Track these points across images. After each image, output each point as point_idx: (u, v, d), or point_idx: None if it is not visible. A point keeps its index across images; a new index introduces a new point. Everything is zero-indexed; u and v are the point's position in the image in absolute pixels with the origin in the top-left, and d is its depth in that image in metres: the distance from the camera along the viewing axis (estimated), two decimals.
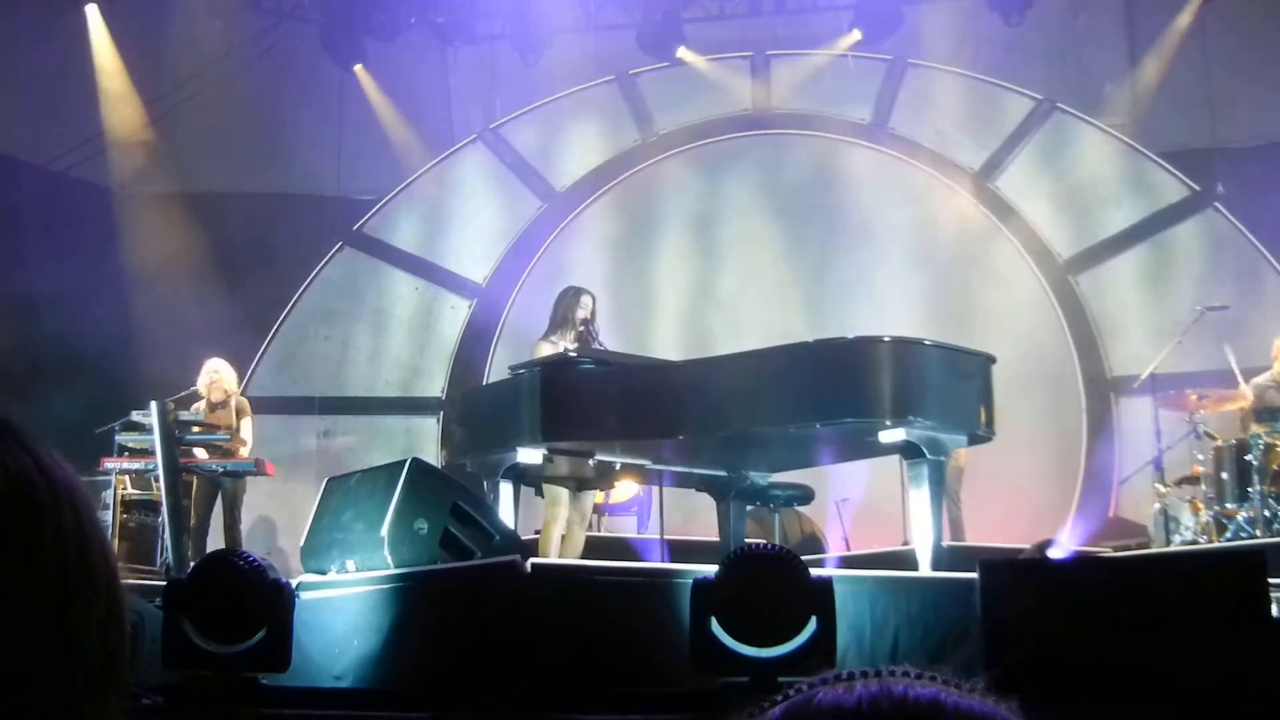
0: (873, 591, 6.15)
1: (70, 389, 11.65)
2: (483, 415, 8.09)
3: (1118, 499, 12.61)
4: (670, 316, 13.63)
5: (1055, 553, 8.14)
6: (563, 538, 8.25)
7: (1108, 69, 13.83)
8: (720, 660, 5.45)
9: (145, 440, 9.77)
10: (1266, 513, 9.36)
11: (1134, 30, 13.74)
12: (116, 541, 10.20)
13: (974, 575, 5.47)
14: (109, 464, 10.01)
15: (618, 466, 8.41)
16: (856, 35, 14.07)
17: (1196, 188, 13.15)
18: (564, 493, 8.29)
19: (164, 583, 7.17)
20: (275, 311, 14.06)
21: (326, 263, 14.35)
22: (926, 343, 7.38)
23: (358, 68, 14.52)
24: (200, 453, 10.16)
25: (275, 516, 12.81)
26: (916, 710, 0.96)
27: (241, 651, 5.88)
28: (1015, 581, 5.51)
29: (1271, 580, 5.24)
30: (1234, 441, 9.86)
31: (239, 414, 10.55)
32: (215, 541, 10.23)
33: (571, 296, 8.58)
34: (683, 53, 14.43)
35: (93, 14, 13.12)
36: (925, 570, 6.98)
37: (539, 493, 8.67)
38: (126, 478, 10.48)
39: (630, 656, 6.07)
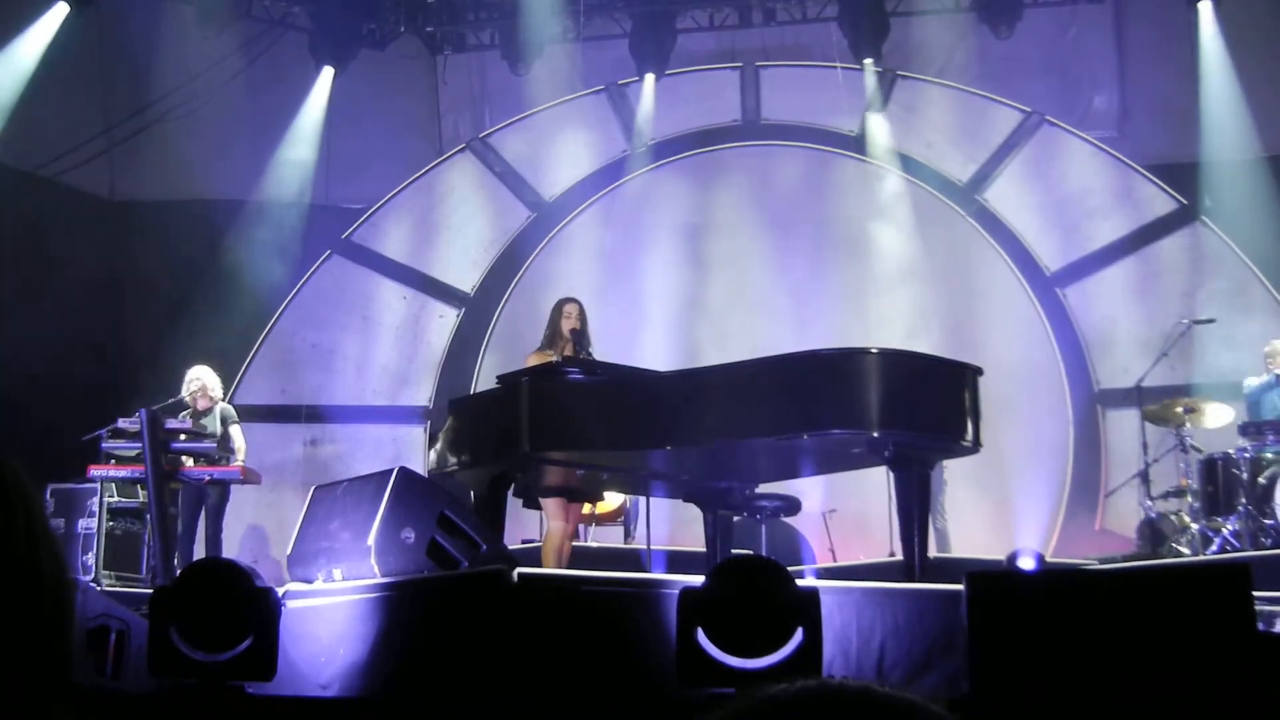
0: (859, 603, 6.15)
1: (57, 395, 11.64)
2: (470, 425, 8.08)
3: (1104, 511, 12.63)
4: (659, 327, 13.62)
5: (1024, 563, 8.17)
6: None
7: (1097, 82, 13.87)
8: (707, 671, 5.45)
9: (132, 448, 9.74)
10: (1252, 526, 9.39)
11: (1123, 44, 13.80)
12: (102, 549, 10.19)
13: (960, 587, 5.47)
14: (95, 471, 9.97)
15: (604, 477, 8.41)
16: (869, 61, 14.04)
17: (1184, 201, 13.19)
18: (564, 504, 8.30)
19: (150, 590, 7.16)
20: (263, 319, 14.05)
21: (315, 271, 14.33)
22: (914, 354, 7.40)
23: (326, 70, 14.46)
24: (186, 461, 10.11)
25: (262, 525, 12.80)
26: (847, 696, 1.00)
27: (227, 660, 5.86)
28: (1002, 593, 5.51)
29: (1257, 594, 5.25)
30: (1220, 455, 9.90)
31: (224, 421, 10.51)
32: (201, 550, 10.20)
33: (556, 308, 8.60)
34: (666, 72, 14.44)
35: (59, 12, 12.99)
36: (912, 582, 6.98)
37: (527, 504, 8.67)
38: (113, 485, 10.45)
39: (617, 667, 6.07)
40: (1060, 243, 13.61)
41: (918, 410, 7.11)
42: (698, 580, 5.74)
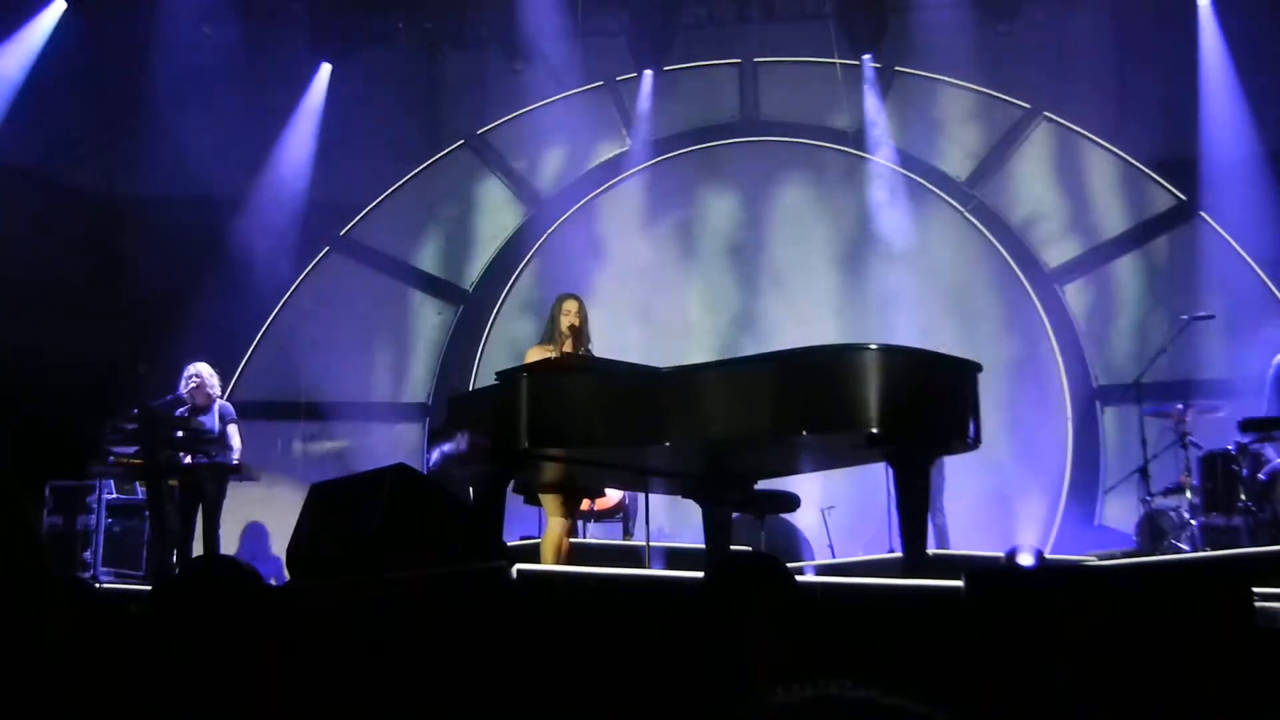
0: (858, 599, 6.14)
1: (56, 392, 11.63)
2: (469, 421, 8.06)
3: (1103, 508, 12.64)
4: (657, 322, 13.63)
5: (1023, 559, 8.16)
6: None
7: (1096, 78, 13.85)
8: (706, 669, 5.44)
9: (131, 445, 9.73)
10: (1252, 522, 9.39)
11: (1122, 39, 13.77)
12: (101, 546, 10.19)
13: (959, 584, 5.47)
14: (95, 468, 9.97)
15: (604, 473, 8.40)
16: (867, 57, 14.05)
17: (1183, 197, 13.19)
18: (563, 500, 8.29)
19: (149, 588, 7.15)
20: (262, 315, 14.04)
21: (313, 267, 14.33)
22: (913, 351, 7.38)
23: (324, 65, 14.48)
24: (185, 458, 10.09)
25: (260, 522, 12.78)
26: (849, 703, 0.99)
27: None
28: (1001, 590, 5.50)
29: (1257, 590, 5.24)
30: (1220, 450, 9.89)
31: (222, 419, 10.49)
32: (199, 549, 10.18)
33: (556, 304, 8.58)
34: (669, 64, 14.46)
35: (56, 9, 13.01)
36: (911, 578, 6.97)
37: (528, 500, 8.67)
38: (112, 482, 10.44)
39: (615, 664, 6.06)
40: (1059, 239, 13.61)
41: (917, 407, 7.10)
42: (697, 577, 5.73)
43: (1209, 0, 13.10)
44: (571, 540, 8.61)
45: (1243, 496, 9.50)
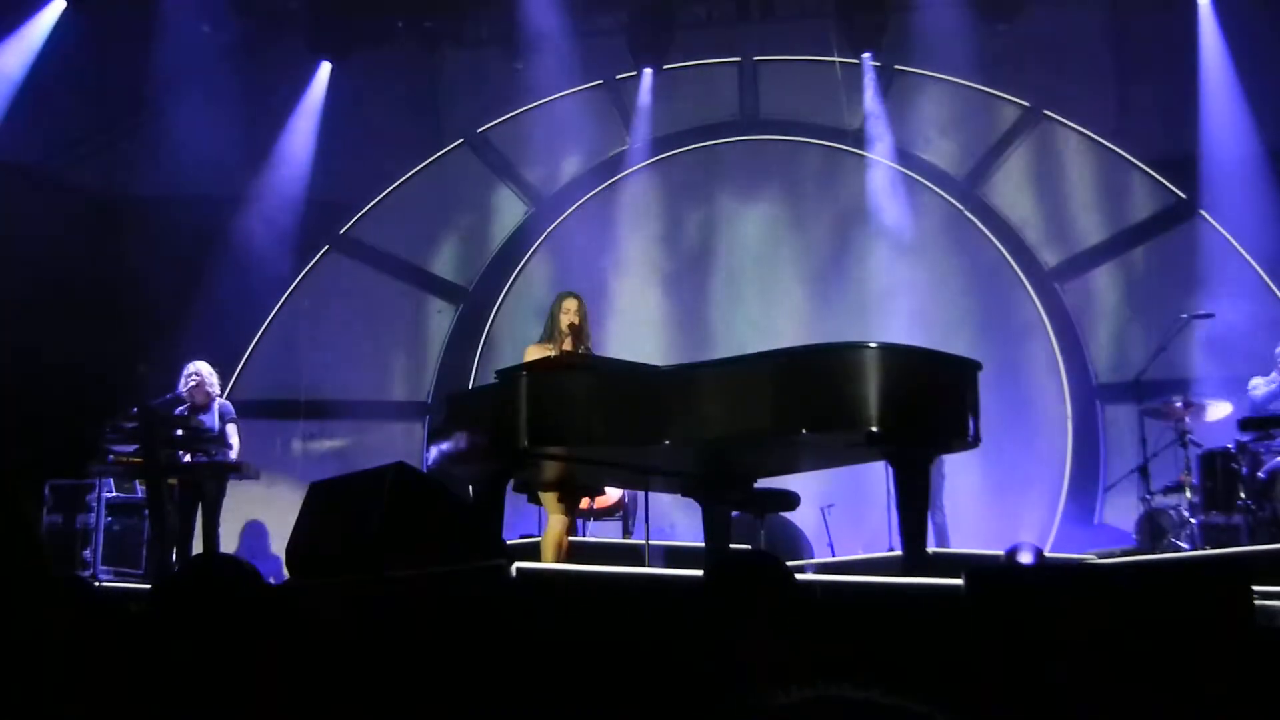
0: (858, 598, 6.14)
1: (56, 392, 11.63)
2: (468, 420, 8.05)
3: (1103, 506, 12.64)
4: (656, 321, 13.63)
5: (1023, 557, 8.16)
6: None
7: (1095, 76, 13.85)
8: (706, 667, 5.43)
9: (131, 444, 9.73)
10: (1252, 520, 9.39)
11: (1122, 38, 13.77)
12: (101, 545, 10.19)
13: (959, 582, 5.47)
14: (94, 467, 9.97)
15: (604, 471, 8.39)
16: (866, 56, 14.07)
17: (1183, 196, 13.18)
18: (563, 499, 8.28)
19: (149, 587, 7.15)
20: (261, 314, 14.04)
21: (313, 266, 14.33)
22: (913, 350, 7.38)
23: (323, 64, 14.49)
24: (185, 456, 10.09)
25: (260, 520, 12.78)
26: (849, 704, 0.99)
27: None
28: (1001, 589, 5.50)
29: (1257, 589, 5.24)
30: (1220, 449, 9.90)
31: (223, 417, 10.49)
32: (199, 547, 10.18)
33: (556, 302, 8.58)
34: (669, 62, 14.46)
35: (56, 8, 13.04)
36: (911, 576, 6.97)
37: (531, 499, 8.66)
38: (112, 481, 10.44)
39: (615, 663, 6.06)
40: (1059, 237, 13.61)
41: (917, 406, 7.09)
42: (697, 576, 5.72)
43: (1209, 0, 13.09)
44: (571, 538, 8.61)
45: (1242, 495, 9.51)
